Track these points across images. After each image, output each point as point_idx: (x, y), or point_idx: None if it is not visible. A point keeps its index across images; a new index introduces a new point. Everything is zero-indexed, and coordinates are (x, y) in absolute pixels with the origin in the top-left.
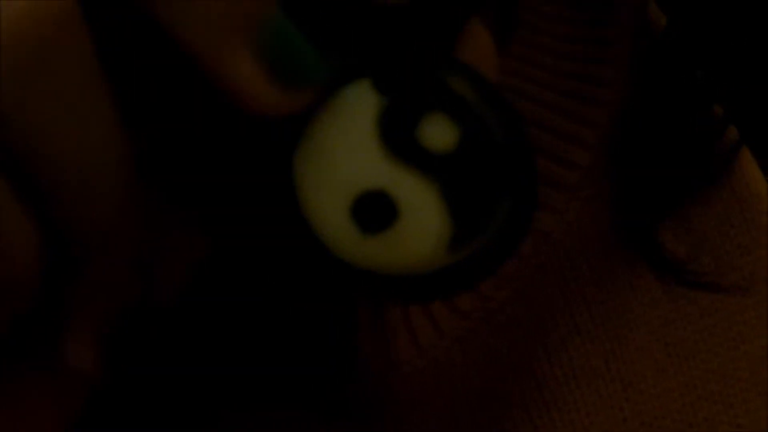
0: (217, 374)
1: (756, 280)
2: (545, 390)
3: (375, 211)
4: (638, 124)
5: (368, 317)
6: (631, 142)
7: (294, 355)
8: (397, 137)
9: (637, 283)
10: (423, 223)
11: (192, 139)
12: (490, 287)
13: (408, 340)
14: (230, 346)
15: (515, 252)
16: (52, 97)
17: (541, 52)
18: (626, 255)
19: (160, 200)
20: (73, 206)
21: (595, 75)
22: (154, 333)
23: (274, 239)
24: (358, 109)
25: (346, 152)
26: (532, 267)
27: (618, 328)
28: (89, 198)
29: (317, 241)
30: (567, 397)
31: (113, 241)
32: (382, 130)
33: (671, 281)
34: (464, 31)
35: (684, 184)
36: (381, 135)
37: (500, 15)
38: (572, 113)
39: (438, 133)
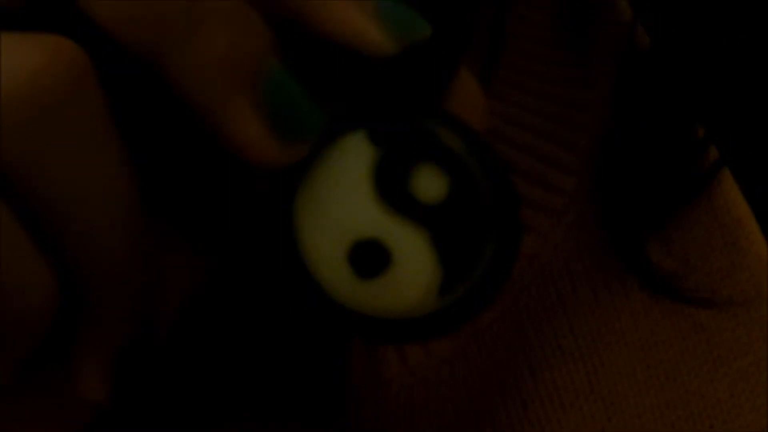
0: (210, 386)
1: (735, 302)
2: (530, 408)
3: (370, 258)
4: (621, 143)
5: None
6: (613, 160)
7: (287, 372)
8: (391, 188)
9: (620, 304)
10: (414, 270)
11: (194, 181)
12: None
13: (397, 358)
14: (223, 359)
15: (497, 297)
16: (67, 148)
17: (526, 76)
18: (609, 277)
19: (159, 227)
20: (87, 249)
21: (578, 99)
22: (153, 356)
23: (272, 284)
24: (353, 159)
25: (343, 201)
26: (518, 289)
27: (601, 349)
28: (102, 240)
29: (314, 284)
30: (551, 416)
31: (123, 277)
32: (377, 181)
33: (664, 296)
34: (453, 81)
35: (665, 202)
36: (376, 185)
37: (489, 39)
38: (556, 138)
39: (428, 184)
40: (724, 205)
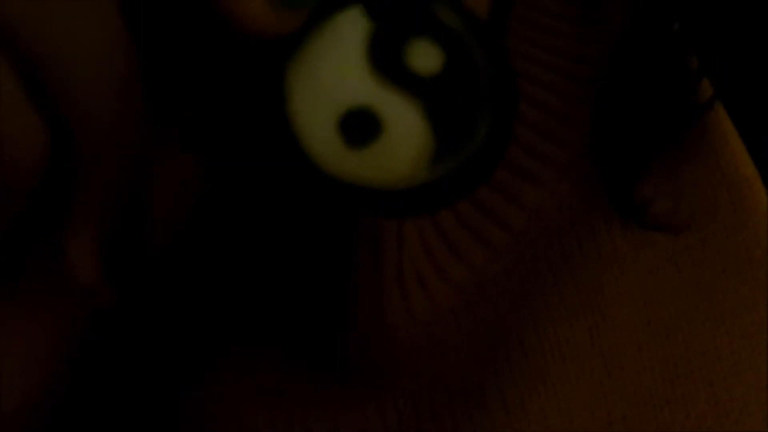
0: (215, 314)
1: (739, 260)
2: (532, 361)
3: (360, 126)
4: (617, 83)
5: (364, 285)
6: (610, 104)
7: (291, 316)
8: (385, 58)
9: (623, 263)
10: (406, 139)
11: (190, 60)
12: (484, 260)
13: (403, 308)
14: (225, 297)
15: (492, 172)
16: (63, 4)
17: (537, 30)
18: (614, 235)
19: (161, 123)
20: (79, 106)
21: (588, 54)
22: (146, 269)
23: (266, 157)
24: (348, 32)
25: (336, 71)
26: (524, 243)
27: (603, 305)
28: (94, 100)
29: (305, 156)
30: (551, 370)
31: (114, 144)
32: (371, 52)
33: (634, 223)
34: None
35: (660, 134)
36: (369, 56)
37: None
38: (564, 92)
39: (424, 57)
40: (732, 163)
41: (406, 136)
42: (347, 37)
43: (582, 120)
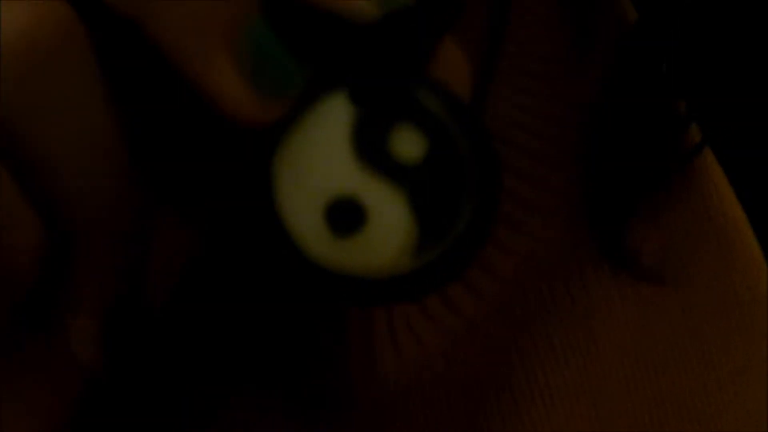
0: (205, 373)
1: (728, 303)
2: (521, 405)
3: (346, 215)
4: (604, 120)
5: (355, 331)
6: (599, 147)
7: (283, 363)
8: (369, 147)
9: (612, 303)
10: (390, 228)
11: (178, 143)
12: (472, 306)
13: (393, 353)
14: (219, 347)
15: (475, 259)
16: (56, 103)
17: (523, 76)
18: (602, 276)
19: (154, 198)
20: (73, 198)
21: (575, 99)
22: (146, 333)
23: (252, 242)
24: (333, 119)
25: (321, 159)
26: (511, 287)
27: (591, 346)
28: (88, 191)
29: (291, 244)
30: (541, 413)
31: (109, 229)
32: (356, 140)
33: (624, 270)
34: (437, 50)
35: (648, 181)
36: (354, 144)
37: (489, 34)
38: (551, 138)
39: (407, 144)
40: (719, 206)
41: (390, 226)
42: (332, 123)
43: (568, 165)
